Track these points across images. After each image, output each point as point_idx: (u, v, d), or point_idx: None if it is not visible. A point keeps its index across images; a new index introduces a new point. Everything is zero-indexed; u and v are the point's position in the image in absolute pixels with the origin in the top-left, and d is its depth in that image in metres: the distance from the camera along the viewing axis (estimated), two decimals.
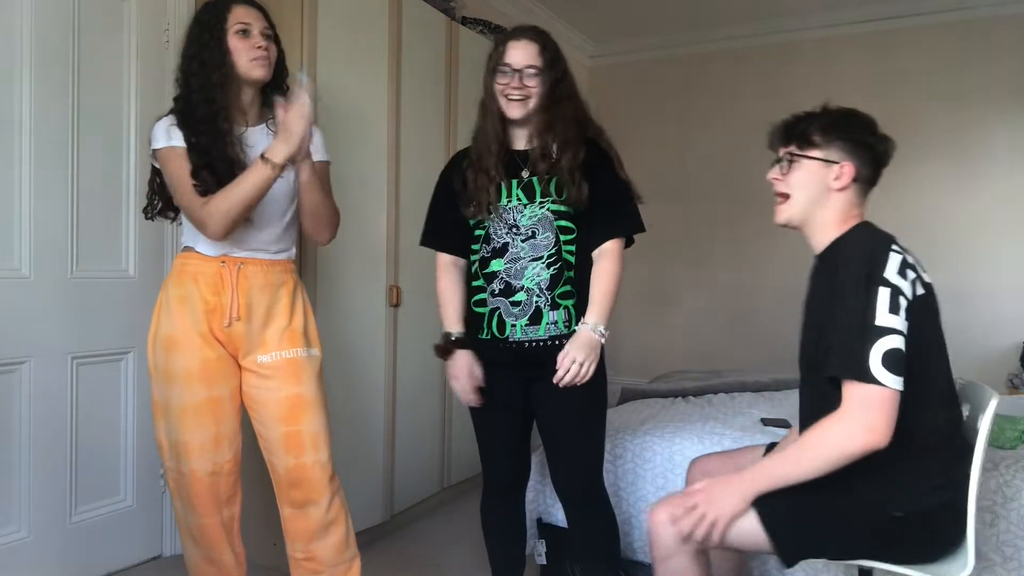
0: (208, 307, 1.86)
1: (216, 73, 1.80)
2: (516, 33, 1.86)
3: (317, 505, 1.92)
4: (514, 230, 1.85)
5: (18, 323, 2.20)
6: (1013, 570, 1.90)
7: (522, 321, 1.84)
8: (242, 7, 1.84)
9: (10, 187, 2.19)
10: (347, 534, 1.99)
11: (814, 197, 1.55)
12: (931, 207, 4.64)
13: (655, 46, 5.34)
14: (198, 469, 1.87)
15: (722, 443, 2.32)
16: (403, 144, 2.98)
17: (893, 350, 1.37)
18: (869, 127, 1.56)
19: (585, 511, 1.94)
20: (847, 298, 1.41)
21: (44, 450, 2.29)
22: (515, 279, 1.84)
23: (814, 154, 1.55)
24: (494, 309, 1.87)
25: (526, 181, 1.86)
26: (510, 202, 1.85)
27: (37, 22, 2.21)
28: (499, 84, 1.83)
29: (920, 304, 1.44)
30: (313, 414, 1.93)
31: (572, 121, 1.84)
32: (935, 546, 1.48)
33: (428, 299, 3.21)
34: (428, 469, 3.23)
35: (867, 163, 1.54)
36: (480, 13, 3.79)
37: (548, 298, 1.84)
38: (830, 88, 4.83)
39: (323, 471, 1.93)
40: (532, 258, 1.83)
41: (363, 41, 2.78)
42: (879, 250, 1.44)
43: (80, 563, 2.39)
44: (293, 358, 1.92)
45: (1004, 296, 4.50)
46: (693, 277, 5.44)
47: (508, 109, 1.82)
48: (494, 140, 1.85)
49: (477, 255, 1.90)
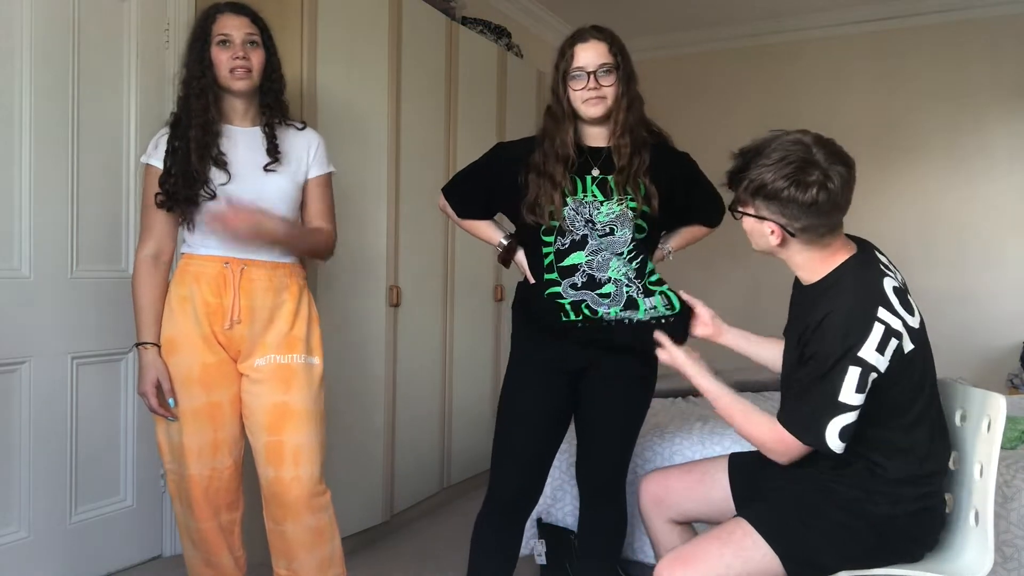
0: (209, 309, 1.85)
1: (195, 84, 1.84)
2: (581, 35, 1.82)
3: (295, 523, 1.87)
4: (590, 224, 1.80)
5: (18, 323, 2.20)
6: (1013, 570, 1.90)
7: (616, 308, 1.80)
8: (227, 16, 1.85)
9: (10, 187, 2.19)
10: (331, 553, 1.92)
11: (764, 246, 1.55)
12: (931, 207, 4.64)
13: (655, 46, 5.34)
14: (196, 474, 1.85)
15: (722, 443, 2.32)
16: (403, 144, 2.98)
17: (850, 425, 1.42)
18: (795, 176, 1.42)
19: (604, 502, 1.95)
20: (817, 367, 1.43)
21: (44, 450, 2.28)
22: (599, 271, 1.80)
23: (748, 211, 1.52)
24: (579, 300, 1.80)
25: (600, 178, 1.82)
26: (585, 197, 1.81)
27: (37, 22, 2.21)
28: (575, 91, 1.79)
29: (899, 363, 1.44)
30: (299, 426, 1.87)
31: (641, 122, 1.84)
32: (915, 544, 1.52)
33: (428, 299, 3.22)
34: (428, 469, 3.23)
35: (796, 218, 1.45)
36: (480, 13, 3.79)
37: (639, 287, 1.82)
38: (830, 88, 4.86)
39: (302, 488, 1.85)
40: (613, 253, 1.81)
41: (363, 41, 2.78)
42: (862, 324, 1.41)
43: (80, 563, 2.39)
44: (287, 364, 1.88)
45: (1004, 296, 4.49)
46: (695, 277, 5.44)
47: (587, 110, 1.79)
48: (563, 145, 1.80)
49: (551, 247, 1.83)
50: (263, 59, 1.88)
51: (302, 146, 1.98)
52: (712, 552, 1.45)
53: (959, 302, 4.41)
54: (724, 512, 1.68)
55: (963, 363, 4.15)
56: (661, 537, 1.76)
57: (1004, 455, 2.07)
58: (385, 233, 2.89)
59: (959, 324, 4.38)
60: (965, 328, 4.38)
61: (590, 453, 1.94)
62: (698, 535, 1.54)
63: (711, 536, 1.49)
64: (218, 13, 1.86)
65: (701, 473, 1.75)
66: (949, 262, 4.50)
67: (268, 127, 1.91)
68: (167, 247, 1.92)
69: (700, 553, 1.46)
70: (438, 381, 3.27)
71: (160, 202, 1.85)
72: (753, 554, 1.44)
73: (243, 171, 1.87)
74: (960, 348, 4.28)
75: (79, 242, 2.35)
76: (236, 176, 1.86)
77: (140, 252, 1.90)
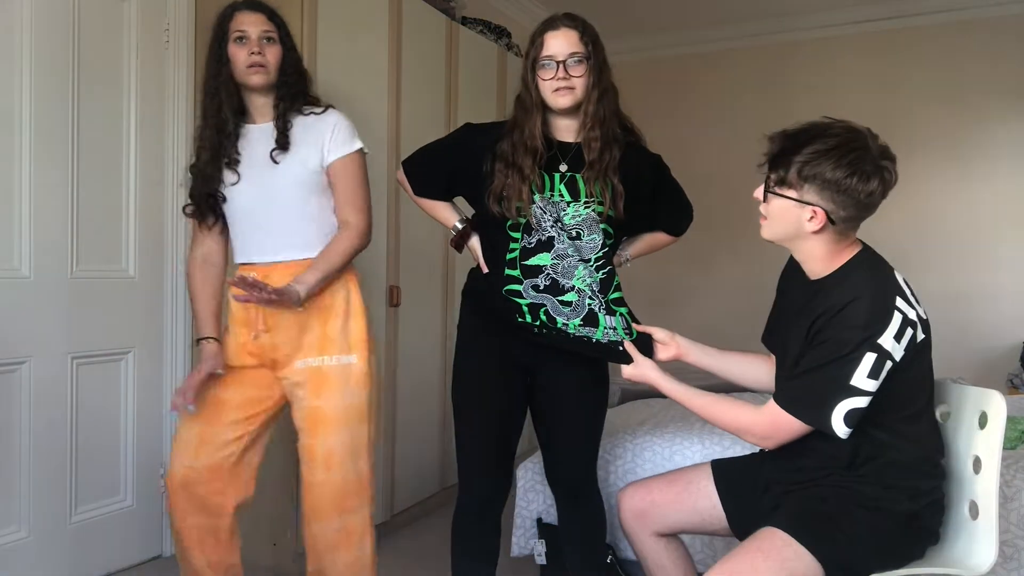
0: (238, 320, 1.89)
1: (211, 83, 1.87)
2: (552, 23, 1.75)
3: (322, 524, 1.89)
4: (558, 225, 1.75)
5: (18, 323, 2.20)
6: (1013, 570, 1.90)
7: (575, 321, 1.73)
8: (243, 13, 1.86)
9: (10, 187, 2.19)
10: (361, 556, 1.91)
11: (790, 231, 1.50)
12: (931, 207, 4.63)
13: (653, 46, 5.33)
14: (173, 465, 1.86)
15: (722, 443, 2.32)
16: (403, 144, 2.98)
17: (857, 410, 1.40)
18: (856, 164, 1.41)
19: (582, 501, 1.93)
20: (832, 349, 1.41)
21: (44, 450, 2.28)
22: (563, 277, 1.74)
23: (788, 194, 1.47)
24: (538, 304, 1.74)
25: (569, 176, 1.76)
26: (553, 196, 1.75)
27: (37, 22, 2.21)
28: (543, 80, 1.73)
29: (913, 352, 1.44)
30: (330, 430, 1.86)
31: (614, 115, 1.78)
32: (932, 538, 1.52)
33: (428, 299, 3.22)
34: (428, 469, 3.23)
35: (845, 207, 1.43)
36: (480, 13, 3.79)
37: (602, 301, 1.75)
38: (830, 88, 4.85)
39: (333, 491, 1.87)
40: (579, 259, 1.75)
41: (363, 41, 2.78)
42: (883, 312, 1.40)
43: (80, 563, 2.39)
44: (318, 367, 1.87)
45: (1004, 296, 4.49)
46: (694, 277, 5.44)
47: (556, 100, 1.73)
48: (531, 136, 1.73)
49: (517, 244, 1.77)
50: (279, 55, 1.88)
51: (320, 130, 1.91)
52: (760, 567, 1.38)
53: (958, 302, 4.41)
54: (712, 521, 1.67)
55: (963, 363, 4.14)
56: (648, 552, 1.73)
57: (1004, 455, 2.07)
58: (385, 233, 2.89)
59: (959, 324, 4.37)
60: (964, 328, 4.37)
61: (558, 458, 1.90)
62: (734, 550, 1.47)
63: (750, 549, 1.43)
64: (235, 11, 1.87)
65: (685, 483, 1.71)
66: (948, 262, 4.49)
67: (281, 119, 1.90)
68: (215, 251, 1.96)
69: (746, 569, 1.39)
70: (438, 381, 3.28)
71: (190, 212, 1.92)
72: (797, 564, 1.39)
73: (251, 168, 1.87)
74: (960, 348, 4.27)
75: (79, 242, 2.35)
76: (244, 174, 1.87)
77: (191, 254, 1.97)
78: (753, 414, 1.51)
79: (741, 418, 1.53)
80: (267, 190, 1.87)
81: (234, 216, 1.91)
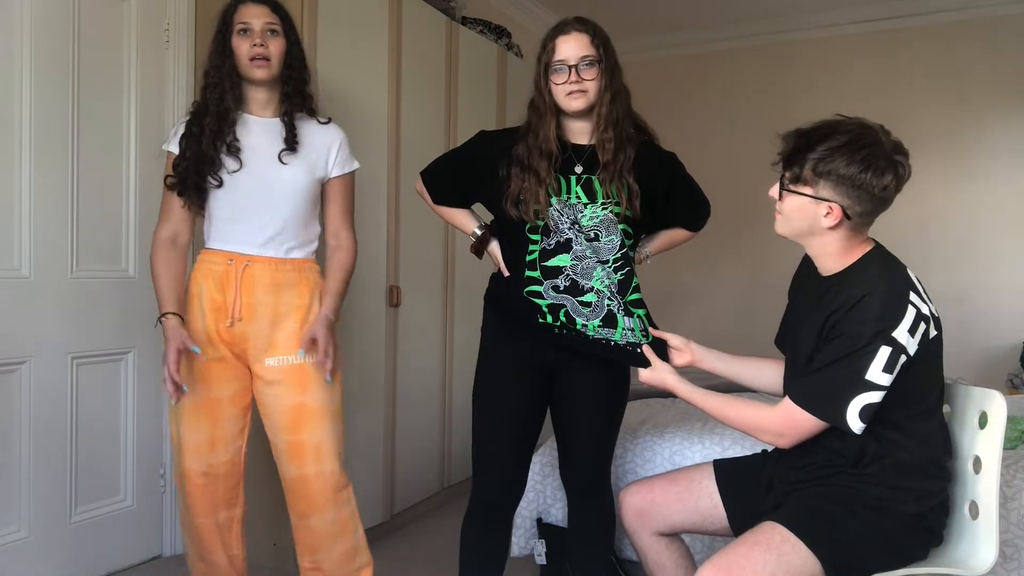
0: (215, 305, 1.87)
1: (214, 73, 1.86)
2: (563, 27, 1.77)
3: (320, 517, 1.91)
4: (576, 227, 1.76)
5: (18, 323, 2.20)
6: (1013, 570, 1.90)
7: (594, 322, 1.75)
8: (247, 5, 1.87)
9: (10, 187, 2.18)
10: (355, 544, 1.96)
11: (806, 227, 1.51)
12: (931, 207, 4.63)
13: (655, 46, 5.33)
14: (191, 469, 1.87)
15: (722, 443, 2.32)
16: (403, 144, 2.98)
17: (872, 405, 1.40)
18: (870, 159, 1.42)
19: (592, 501, 1.94)
20: (847, 343, 1.41)
21: (44, 450, 2.28)
22: (583, 278, 1.76)
23: (804, 191, 1.48)
24: (558, 304, 1.76)
25: (584, 178, 1.78)
26: (570, 199, 1.77)
27: (37, 22, 2.21)
28: (556, 84, 1.75)
29: (925, 348, 1.44)
30: (317, 424, 1.89)
31: (627, 116, 1.80)
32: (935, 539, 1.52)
33: (428, 299, 3.22)
34: (428, 469, 3.23)
35: (861, 201, 1.45)
36: (480, 13, 3.79)
37: (620, 303, 1.76)
38: (831, 88, 4.85)
39: (325, 483, 1.89)
40: (598, 260, 1.76)
41: (363, 41, 2.78)
42: (897, 305, 1.41)
43: (80, 563, 2.39)
44: (300, 364, 1.89)
45: (1004, 296, 4.49)
46: (696, 277, 5.44)
47: (569, 103, 1.75)
48: (545, 140, 1.76)
49: (537, 246, 1.79)
50: (283, 48, 1.88)
51: (324, 142, 1.96)
52: (756, 559, 1.39)
53: (959, 302, 4.40)
54: (714, 520, 1.67)
55: (963, 363, 4.14)
56: (649, 551, 1.73)
57: (1004, 455, 2.07)
58: (385, 233, 2.89)
59: (959, 324, 4.37)
60: (965, 328, 4.37)
61: (572, 456, 1.91)
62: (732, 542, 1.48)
63: (749, 542, 1.44)
64: (239, 3, 1.87)
65: (687, 482, 1.72)
66: (949, 262, 4.50)
67: (288, 116, 1.91)
68: (183, 232, 1.93)
69: (743, 561, 1.40)
70: (438, 381, 3.27)
71: (171, 184, 1.87)
72: (794, 559, 1.40)
73: (256, 160, 1.87)
74: (960, 348, 4.26)
75: (79, 242, 2.35)
76: (247, 164, 1.86)
77: (157, 234, 1.92)
78: (767, 412, 1.52)
79: (756, 417, 1.54)
80: (269, 185, 1.87)
81: (223, 203, 1.88)
